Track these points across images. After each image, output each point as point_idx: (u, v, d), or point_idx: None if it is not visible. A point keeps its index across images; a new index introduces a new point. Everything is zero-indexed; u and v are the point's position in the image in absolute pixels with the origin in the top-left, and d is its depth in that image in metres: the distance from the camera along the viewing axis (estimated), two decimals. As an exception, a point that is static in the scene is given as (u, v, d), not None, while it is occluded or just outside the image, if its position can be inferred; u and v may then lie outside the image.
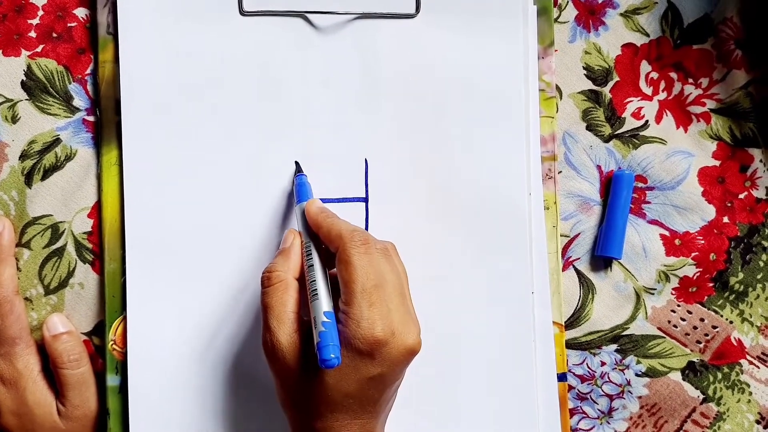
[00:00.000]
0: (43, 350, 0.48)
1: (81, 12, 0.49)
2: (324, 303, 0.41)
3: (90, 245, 0.49)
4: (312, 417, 0.41)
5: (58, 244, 0.49)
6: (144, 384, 0.48)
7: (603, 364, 0.53)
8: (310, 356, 0.41)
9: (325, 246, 0.44)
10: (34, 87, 0.49)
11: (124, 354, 0.48)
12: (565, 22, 0.53)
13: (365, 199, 0.50)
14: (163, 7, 0.48)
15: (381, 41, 0.50)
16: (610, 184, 0.53)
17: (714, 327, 0.54)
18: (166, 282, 0.48)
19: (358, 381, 0.40)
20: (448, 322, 0.50)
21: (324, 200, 0.50)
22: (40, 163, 0.49)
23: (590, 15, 0.53)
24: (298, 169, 0.49)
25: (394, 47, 0.50)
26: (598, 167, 0.53)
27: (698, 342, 0.54)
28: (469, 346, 0.50)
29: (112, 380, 0.49)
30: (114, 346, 0.49)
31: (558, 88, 0.53)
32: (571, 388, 0.53)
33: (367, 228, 0.50)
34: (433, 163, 0.50)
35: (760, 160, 0.54)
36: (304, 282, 0.43)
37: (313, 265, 0.43)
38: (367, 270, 0.41)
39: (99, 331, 0.50)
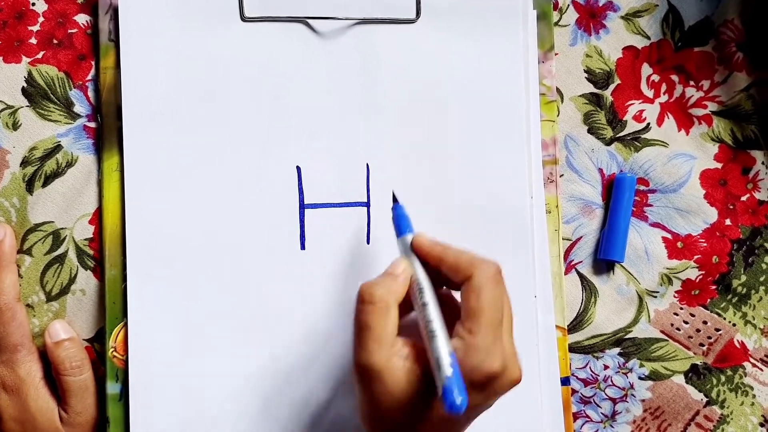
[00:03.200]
0: (45, 357, 0.48)
1: (82, 18, 0.49)
2: (445, 343, 0.39)
3: (91, 252, 0.49)
4: None
5: (60, 251, 0.49)
6: (145, 392, 0.48)
7: (606, 367, 0.53)
8: (419, 385, 0.40)
9: (445, 277, 0.42)
10: (34, 93, 0.49)
11: (125, 361, 0.48)
12: (565, 26, 0.53)
13: (367, 204, 0.50)
14: (165, 13, 0.48)
15: (382, 46, 0.50)
16: (611, 187, 0.53)
17: (717, 330, 0.54)
18: (167, 289, 0.48)
19: None
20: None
21: (326, 205, 0.50)
22: (41, 169, 0.49)
23: (591, 18, 0.53)
24: (395, 199, 0.47)
25: (394, 52, 0.50)
26: (600, 170, 0.53)
27: (701, 345, 0.54)
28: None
29: (112, 388, 0.48)
30: (114, 353, 0.49)
31: (559, 91, 0.53)
32: (574, 391, 0.53)
33: (368, 233, 0.50)
34: (434, 168, 0.50)
35: (762, 162, 0.54)
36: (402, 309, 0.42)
37: (427, 304, 0.41)
38: (498, 302, 0.40)
39: (101, 337, 0.49)
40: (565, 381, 0.51)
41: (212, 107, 0.49)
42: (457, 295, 0.45)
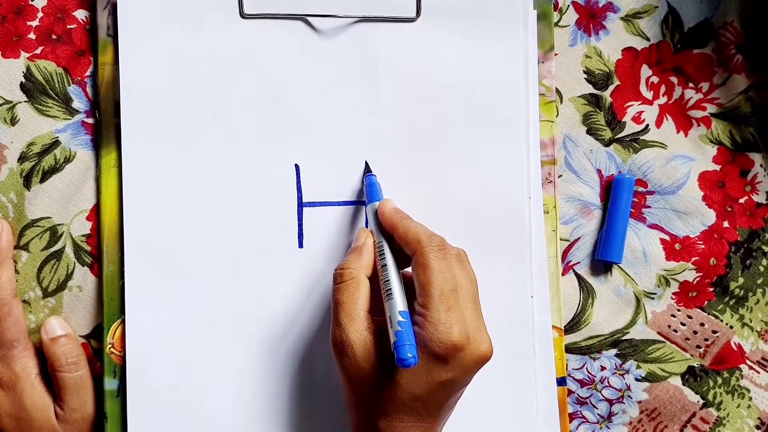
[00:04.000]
0: (41, 353, 0.48)
1: (81, 14, 0.49)
2: (399, 302, 0.41)
3: (89, 248, 0.49)
4: (377, 415, 0.42)
5: (57, 247, 0.49)
6: (142, 388, 0.48)
7: (603, 368, 0.53)
8: (382, 355, 0.41)
9: (399, 247, 0.44)
10: (33, 89, 0.49)
11: (123, 357, 0.48)
12: (565, 26, 0.53)
13: (365, 203, 0.50)
14: (163, 9, 0.48)
15: (381, 45, 0.50)
16: (610, 188, 0.53)
17: (714, 332, 0.54)
18: (164, 285, 0.48)
19: (429, 384, 0.41)
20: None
21: (324, 203, 0.50)
22: (39, 165, 0.49)
23: (591, 19, 0.53)
24: (368, 169, 0.49)
25: (394, 51, 0.50)
26: (599, 171, 0.53)
27: (698, 347, 0.53)
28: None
29: (110, 384, 0.48)
30: (112, 349, 0.48)
31: (558, 91, 0.53)
32: (570, 392, 0.53)
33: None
34: (432, 167, 0.50)
35: (761, 165, 0.54)
36: (375, 281, 0.43)
37: (386, 265, 0.43)
38: (445, 274, 0.41)
39: (97, 334, 0.49)
40: (561, 381, 0.51)
41: (210, 104, 0.49)
42: None
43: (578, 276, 0.53)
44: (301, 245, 0.49)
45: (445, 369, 0.41)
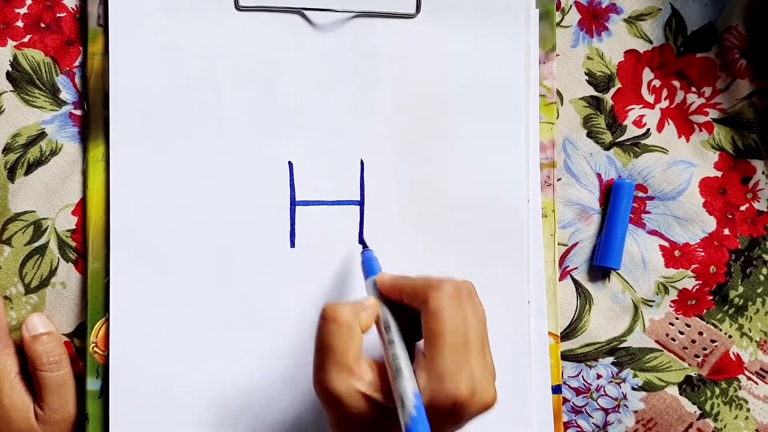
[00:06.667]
0: (22, 351, 0.47)
1: (70, 2, 0.48)
2: (410, 382, 0.38)
3: (73, 243, 0.48)
4: None
5: (41, 242, 0.48)
6: (126, 389, 0.47)
7: (599, 376, 0.52)
8: (374, 408, 0.38)
9: (404, 319, 0.41)
10: (19, 78, 0.48)
11: (106, 357, 0.47)
12: (567, 27, 0.52)
13: (360, 203, 0.49)
14: (156, -1, 0.47)
15: (379, 41, 0.49)
16: (609, 193, 0.52)
17: (713, 341, 0.53)
18: (151, 283, 0.47)
19: None
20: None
21: (317, 203, 0.48)
22: (24, 157, 0.48)
23: (593, 20, 0.52)
24: (364, 245, 0.48)
25: (392, 47, 0.49)
26: (598, 175, 0.52)
27: (696, 356, 0.53)
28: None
29: (92, 384, 0.47)
30: (95, 348, 0.47)
31: (559, 93, 0.52)
32: (565, 400, 0.52)
33: (361, 232, 0.49)
34: (430, 167, 0.49)
35: (762, 172, 0.53)
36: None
37: (393, 341, 0.40)
38: (458, 324, 0.39)
39: (81, 332, 0.48)
40: (556, 389, 0.50)
41: (202, 98, 0.48)
42: None
43: (576, 282, 0.52)
44: (293, 245, 0.48)
45: (446, 422, 0.38)
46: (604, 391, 0.52)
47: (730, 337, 0.53)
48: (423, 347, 0.39)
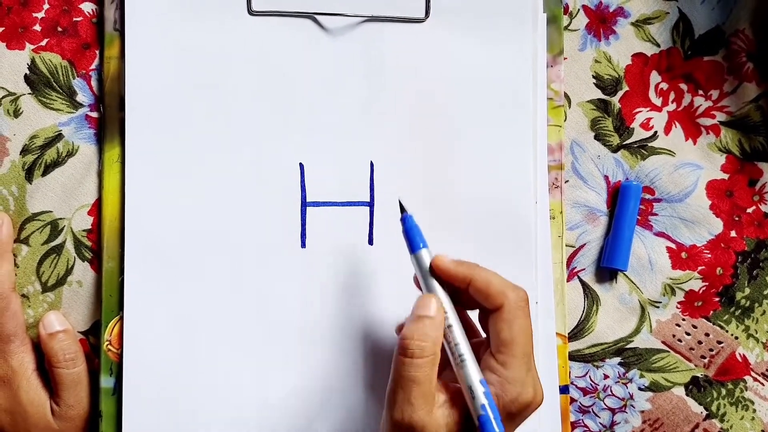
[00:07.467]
0: (39, 348, 0.48)
1: (87, 7, 0.49)
2: (475, 370, 0.40)
3: (89, 243, 0.49)
4: None
5: (57, 241, 0.49)
6: (139, 387, 0.47)
7: (606, 377, 0.52)
8: (451, 428, 0.40)
9: (466, 298, 0.42)
10: (37, 81, 0.48)
11: (120, 355, 0.48)
12: (575, 30, 0.52)
13: (370, 204, 0.49)
14: (171, 4, 0.48)
15: (389, 45, 0.50)
16: (617, 195, 0.52)
17: (719, 342, 0.53)
18: (164, 283, 0.48)
19: None
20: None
21: (328, 203, 0.49)
22: (42, 158, 0.49)
23: (601, 24, 0.52)
24: (402, 209, 0.44)
25: (402, 51, 0.50)
26: (606, 177, 0.53)
27: (703, 357, 0.53)
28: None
29: (105, 382, 0.48)
30: (109, 346, 0.48)
31: (567, 96, 0.52)
32: (573, 400, 0.52)
33: (371, 233, 0.49)
34: (438, 169, 0.50)
35: (769, 175, 0.53)
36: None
37: (452, 326, 0.41)
38: (529, 332, 0.41)
39: (96, 330, 0.49)
40: (564, 389, 0.51)
41: (216, 101, 0.48)
42: (472, 314, 0.45)
43: (583, 283, 0.52)
44: (303, 245, 0.49)
45: (513, 424, 0.41)
46: (611, 391, 0.52)
47: (736, 338, 0.53)
48: (492, 349, 0.41)
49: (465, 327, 0.43)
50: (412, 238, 0.43)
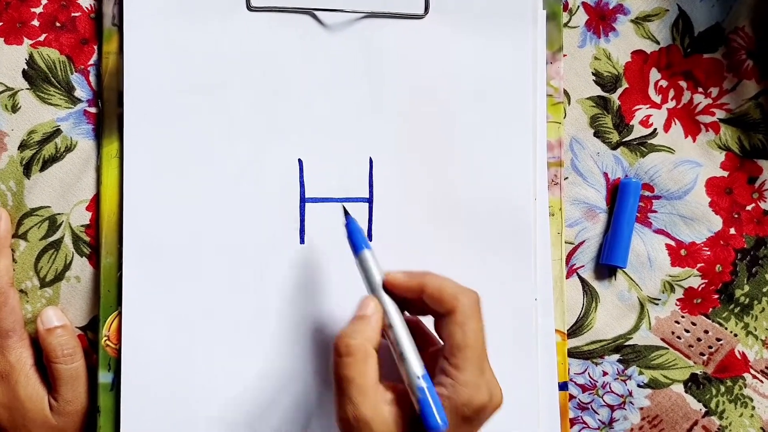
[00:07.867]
0: (37, 344, 0.48)
1: (85, 2, 0.49)
2: (416, 366, 0.40)
3: (87, 238, 0.49)
4: None
5: (55, 237, 0.49)
6: (137, 382, 0.47)
7: (605, 374, 0.52)
8: (401, 426, 0.40)
9: (421, 306, 0.42)
10: (35, 76, 0.48)
11: (118, 350, 0.48)
12: (575, 27, 0.52)
13: (369, 200, 0.49)
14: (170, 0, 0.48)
15: (389, 41, 0.50)
16: (616, 192, 0.52)
17: (718, 339, 0.53)
18: (163, 278, 0.48)
19: None
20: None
21: (327, 200, 0.49)
22: (40, 153, 0.48)
23: (601, 21, 0.52)
24: (346, 213, 0.45)
25: (401, 47, 0.50)
26: (605, 174, 0.53)
27: (702, 354, 0.53)
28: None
29: (104, 377, 0.48)
30: (107, 342, 0.48)
31: (566, 93, 0.52)
32: (572, 397, 0.52)
33: (370, 229, 0.49)
34: (438, 165, 0.50)
35: (769, 172, 0.53)
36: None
37: (393, 326, 0.41)
38: (481, 335, 0.41)
39: (94, 325, 0.49)
40: (563, 386, 0.51)
41: (215, 97, 0.48)
42: (426, 320, 0.45)
43: (582, 280, 0.52)
44: (302, 241, 0.49)
45: (471, 427, 0.40)
46: (610, 388, 0.52)
47: (735, 335, 0.53)
48: (445, 353, 0.40)
49: (423, 336, 0.43)
50: (356, 240, 0.44)
